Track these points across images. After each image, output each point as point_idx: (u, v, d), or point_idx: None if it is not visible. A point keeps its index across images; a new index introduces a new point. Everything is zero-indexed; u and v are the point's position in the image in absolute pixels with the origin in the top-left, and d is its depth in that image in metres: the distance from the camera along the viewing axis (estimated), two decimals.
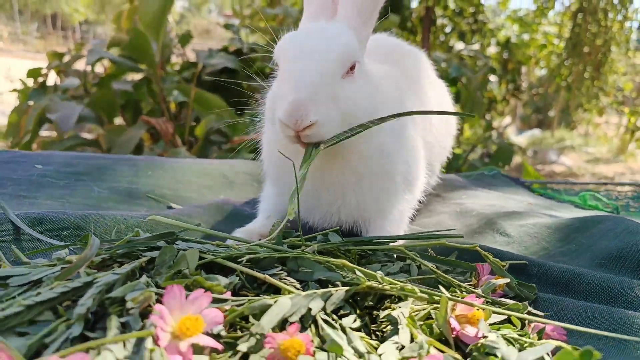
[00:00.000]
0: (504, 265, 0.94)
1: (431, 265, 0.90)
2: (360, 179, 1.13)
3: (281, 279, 0.77)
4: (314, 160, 0.98)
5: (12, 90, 4.77)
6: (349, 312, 0.74)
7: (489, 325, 0.72)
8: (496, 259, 0.93)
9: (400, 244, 0.98)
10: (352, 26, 1.09)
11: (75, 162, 1.70)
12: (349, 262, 0.81)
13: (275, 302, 0.67)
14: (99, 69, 4.90)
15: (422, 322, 0.74)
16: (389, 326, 0.73)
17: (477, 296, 0.78)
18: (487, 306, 0.74)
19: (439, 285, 0.85)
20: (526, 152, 9.86)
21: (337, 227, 0.99)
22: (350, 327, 0.69)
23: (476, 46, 6.61)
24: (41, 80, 4.72)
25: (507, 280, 0.87)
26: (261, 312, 0.66)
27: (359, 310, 0.77)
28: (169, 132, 3.72)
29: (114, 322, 0.59)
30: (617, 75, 8.77)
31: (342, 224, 1.19)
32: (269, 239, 0.93)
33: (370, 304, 0.79)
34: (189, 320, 0.57)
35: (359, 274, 0.78)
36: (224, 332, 0.63)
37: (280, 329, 0.64)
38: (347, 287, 0.75)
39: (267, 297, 0.69)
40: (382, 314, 0.76)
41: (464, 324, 0.72)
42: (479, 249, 0.94)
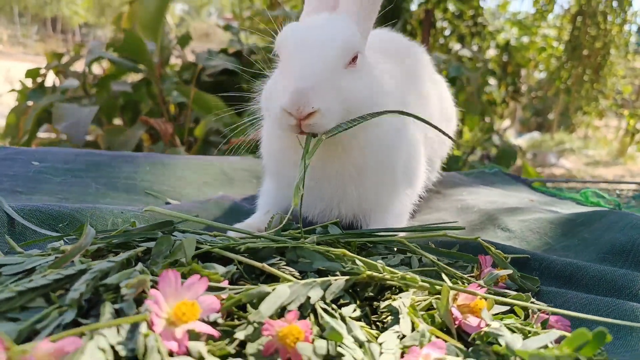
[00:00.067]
0: (506, 257, 0.93)
1: (432, 257, 0.89)
2: (360, 172, 1.12)
3: (280, 269, 0.75)
4: (315, 152, 0.96)
5: (11, 90, 4.75)
6: (348, 301, 0.72)
7: (492, 316, 0.70)
8: (498, 251, 0.91)
9: (401, 236, 0.97)
10: (353, 19, 1.08)
11: (72, 159, 1.69)
12: (349, 252, 0.79)
13: (273, 289, 0.65)
14: (98, 71, 4.89)
15: (424, 313, 0.72)
16: (390, 316, 0.72)
17: (479, 286, 0.76)
18: (489, 295, 0.72)
19: (441, 276, 0.83)
20: (525, 155, 9.85)
21: (337, 220, 0.97)
22: (350, 317, 0.68)
23: (475, 47, 6.61)
24: (40, 80, 4.70)
25: (510, 271, 0.86)
26: (259, 301, 0.64)
27: (359, 301, 0.75)
28: (168, 132, 3.70)
29: (108, 308, 0.57)
30: (616, 78, 8.79)
31: (342, 218, 1.18)
32: (271, 231, 0.91)
33: (370, 294, 0.78)
34: (185, 305, 0.56)
35: (359, 263, 0.77)
36: (220, 320, 0.61)
37: (278, 317, 0.63)
38: (347, 277, 0.73)
39: (265, 286, 0.67)
40: (383, 305, 0.75)
41: (466, 313, 0.70)
42: (481, 240, 0.93)
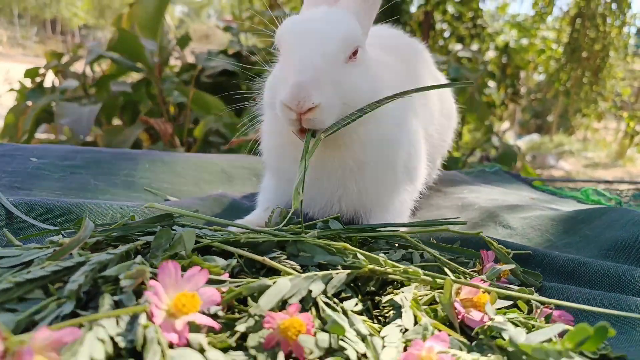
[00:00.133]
0: (508, 252, 0.92)
1: (434, 252, 0.88)
2: (361, 168, 1.11)
3: (281, 263, 0.75)
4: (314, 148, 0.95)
5: (10, 89, 4.73)
6: (350, 295, 0.72)
7: (495, 310, 0.70)
8: (501, 246, 0.91)
9: (402, 231, 0.96)
10: (354, 13, 1.08)
11: (71, 156, 1.68)
12: (350, 246, 0.78)
13: (274, 283, 0.65)
14: (98, 71, 4.88)
15: (426, 307, 0.72)
16: (392, 311, 0.71)
17: (482, 281, 0.76)
18: (492, 289, 0.71)
19: (443, 271, 0.82)
20: (525, 157, 9.86)
21: (338, 215, 0.97)
22: (352, 311, 0.67)
23: (475, 47, 6.62)
24: (39, 80, 4.69)
25: (512, 266, 0.85)
26: (260, 294, 0.63)
27: (360, 295, 0.75)
28: (167, 132, 3.69)
29: (107, 299, 0.56)
30: (615, 80, 8.79)
31: (343, 214, 1.17)
32: (272, 225, 0.90)
33: (372, 289, 0.77)
34: (185, 297, 0.55)
35: (360, 257, 0.76)
36: (221, 313, 0.61)
37: (279, 311, 0.62)
38: (349, 271, 0.72)
39: (266, 279, 0.67)
40: (385, 299, 0.74)
41: (469, 307, 0.70)
42: (483, 235, 0.92)
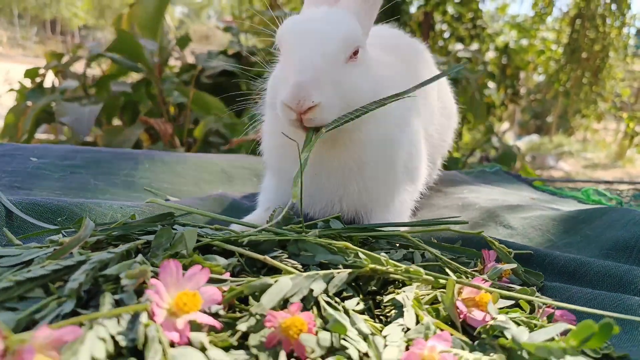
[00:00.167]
0: (510, 252, 0.92)
1: (436, 251, 0.88)
2: (362, 167, 1.11)
3: (282, 262, 0.74)
4: (315, 146, 0.95)
5: (10, 90, 4.73)
6: (351, 295, 0.71)
7: (497, 310, 0.70)
8: (502, 245, 0.91)
9: (403, 230, 0.96)
10: (354, 13, 1.08)
11: (71, 156, 1.68)
12: (351, 245, 0.78)
13: (275, 281, 0.64)
14: (97, 71, 4.88)
15: (428, 306, 0.71)
16: (394, 310, 0.71)
17: (483, 280, 0.75)
18: (494, 289, 0.71)
19: (444, 271, 0.82)
20: (524, 158, 9.86)
21: (339, 214, 0.96)
22: (353, 310, 0.67)
23: (475, 46, 6.62)
24: (38, 80, 4.69)
25: (514, 265, 0.85)
26: (261, 293, 0.63)
27: (362, 295, 0.74)
28: (167, 132, 3.69)
29: (108, 298, 0.56)
30: (615, 81, 8.80)
31: (343, 214, 1.17)
32: (272, 223, 0.90)
33: (373, 289, 0.77)
34: (186, 296, 0.55)
35: (362, 256, 0.76)
36: (222, 312, 0.60)
37: (281, 310, 0.62)
38: (350, 270, 0.72)
39: (267, 278, 0.66)
40: (386, 299, 0.73)
41: (471, 307, 0.69)
42: (484, 235, 0.92)
